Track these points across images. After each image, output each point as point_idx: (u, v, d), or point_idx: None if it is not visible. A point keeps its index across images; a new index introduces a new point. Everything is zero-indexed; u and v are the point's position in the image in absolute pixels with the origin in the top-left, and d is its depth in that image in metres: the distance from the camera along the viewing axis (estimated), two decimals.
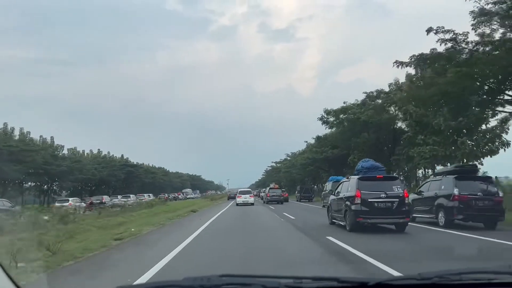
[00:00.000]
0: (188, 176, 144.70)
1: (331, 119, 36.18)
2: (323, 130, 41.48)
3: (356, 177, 13.14)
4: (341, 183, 15.01)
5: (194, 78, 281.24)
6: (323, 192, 34.59)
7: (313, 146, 52.29)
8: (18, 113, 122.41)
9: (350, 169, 51.78)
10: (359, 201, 12.21)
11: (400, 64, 22.00)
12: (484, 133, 24.23)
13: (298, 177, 65.39)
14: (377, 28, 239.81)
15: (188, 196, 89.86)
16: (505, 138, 24.21)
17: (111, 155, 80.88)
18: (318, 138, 41.82)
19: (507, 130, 23.67)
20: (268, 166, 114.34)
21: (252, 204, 35.05)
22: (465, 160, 25.61)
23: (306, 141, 55.92)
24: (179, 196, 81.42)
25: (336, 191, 14.94)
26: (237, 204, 34.58)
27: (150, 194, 58.43)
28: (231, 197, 54.29)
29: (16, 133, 48.13)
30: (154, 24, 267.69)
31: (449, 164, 26.08)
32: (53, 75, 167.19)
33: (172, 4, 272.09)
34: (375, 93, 33.40)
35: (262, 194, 44.61)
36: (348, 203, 12.78)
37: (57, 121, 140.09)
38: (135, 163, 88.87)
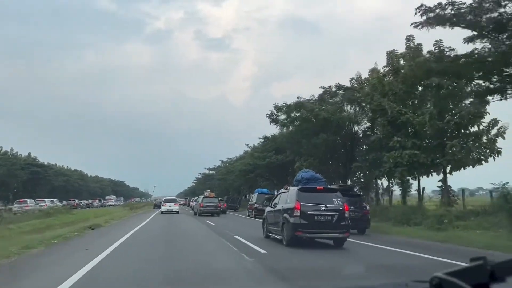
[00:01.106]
0: (109, 181, 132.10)
1: (282, 116, 30.37)
2: (269, 132, 35.40)
3: (296, 188, 12.66)
4: (279, 194, 14.35)
5: (125, 80, 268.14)
6: (249, 203, 33.48)
7: (254, 151, 46.35)
8: None
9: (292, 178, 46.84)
10: (298, 214, 11.75)
11: None
12: (476, 135, 19.83)
13: (235, 185, 58.89)
14: (307, 45, 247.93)
15: (108, 204, 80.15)
16: (496, 146, 20.05)
17: (14, 152, 68.63)
18: (265, 139, 35.27)
19: (503, 134, 19.45)
20: (200, 174, 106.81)
21: (177, 212, 35.82)
22: (449, 169, 21.21)
23: (247, 144, 49.87)
24: (94, 203, 70.93)
25: (273, 203, 14.26)
26: (162, 212, 35.36)
27: (54, 200, 48.51)
28: (157, 206, 51.85)
29: None
30: (82, 22, 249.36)
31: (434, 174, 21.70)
32: None
33: (104, 3, 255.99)
34: (334, 88, 28.22)
35: (194, 203, 37.25)
36: (286, 215, 12.24)
37: None
38: (45, 163, 76.97)
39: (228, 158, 68.90)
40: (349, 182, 30.08)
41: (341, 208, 12.02)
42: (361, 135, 29.23)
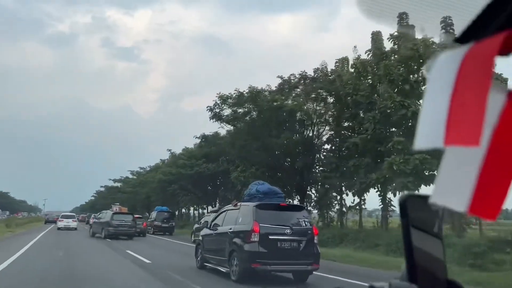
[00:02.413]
0: None
1: (227, 111, 23.36)
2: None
3: (252, 204, 9.80)
4: (222, 212, 11.36)
5: (21, 81, 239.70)
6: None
7: (178, 158, 38.45)
8: None
9: (229, 191, 39.73)
10: (256, 239, 9.14)
11: None
12: None
13: (151, 200, 49.73)
14: (220, 62, 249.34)
15: None
16: None
17: None
18: (203, 139, 27.18)
19: None
20: (101, 186, 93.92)
21: (75, 228, 34.06)
22: None
23: (170, 150, 41.51)
24: None
25: (212, 223, 11.31)
26: (59, 228, 33.95)
27: None
28: (50, 221, 50.53)
29: None
30: None
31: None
32: None
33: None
34: (297, 77, 22.17)
35: (94, 221, 28.42)
36: (237, 240, 9.56)
37: None
38: None
39: (140, 168, 59.47)
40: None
41: (309, 232, 9.80)
42: (324, 138, 23.55)
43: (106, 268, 11.31)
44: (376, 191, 19.29)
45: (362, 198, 21.69)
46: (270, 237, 9.30)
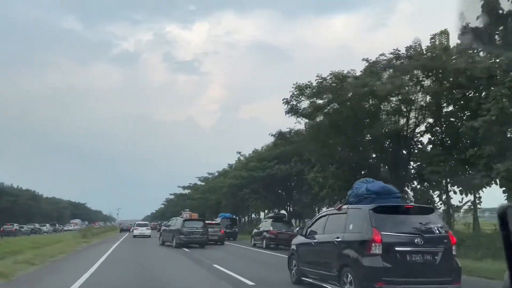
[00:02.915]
0: (69, 203, 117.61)
1: (305, 103, 20.62)
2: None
3: (366, 207, 7.81)
4: (320, 217, 9.53)
5: (89, 101, 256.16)
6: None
7: (248, 160, 36.40)
8: None
9: (304, 194, 36.84)
10: (379, 251, 7.20)
11: None
12: None
13: (222, 205, 48.22)
14: (275, 70, 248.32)
15: (66, 229, 68.45)
16: None
17: None
18: (279, 136, 24.46)
19: None
20: (170, 194, 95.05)
21: (149, 236, 35.58)
22: None
23: (240, 152, 39.54)
24: (44, 228, 58.30)
25: (308, 230, 9.55)
26: (134, 236, 35.91)
27: None
28: (124, 230, 54.70)
29: None
30: (48, 41, 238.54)
31: None
32: None
33: (70, 22, 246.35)
34: (388, 57, 18.90)
35: (164, 228, 27.00)
36: (350, 253, 7.67)
37: None
38: None
39: (208, 173, 58.45)
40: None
41: (445, 240, 7.52)
42: (422, 127, 20.00)
43: None
44: (501, 187, 15.63)
45: (477, 195, 18.02)
46: (396, 248, 7.34)
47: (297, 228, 15.25)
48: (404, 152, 21.75)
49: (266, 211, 44.00)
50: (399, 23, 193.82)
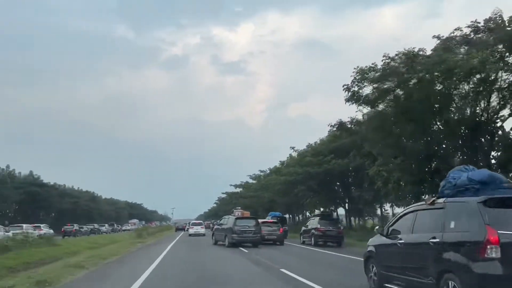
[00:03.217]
0: (126, 204, 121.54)
1: (368, 88, 18.65)
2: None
3: (473, 199, 6.38)
4: (407, 213, 8.01)
5: (142, 105, 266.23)
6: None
7: (303, 155, 34.66)
8: None
9: (365, 190, 34.62)
10: (496, 254, 5.70)
11: None
12: None
13: (276, 203, 46.86)
14: (322, 66, 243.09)
15: (124, 228, 70.66)
16: None
17: (10, 169, 58.74)
18: (340, 126, 22.34)
19: None
20: (222, 193, 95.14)
21: (204, 234, 36.72)
22: None
23: (293, 147, 37.83)
24: (102, 228, 60.04)
25: (389, 229, 8.24)
26: (190, 235, 38.23)
27: (41, 225, 37.52)
28: (179, 229, 59.47)
29: None
30: (102, 49, 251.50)
31: None
32: None
33: (123, 30, 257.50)
34: (463, 32, 16.58)
35: (217, 227, 25.96)
36: (455, 256, 6.27)
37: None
38: (51, 183, 67.00)
39: (260, 171, 57.33)
40: None
41: None
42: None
43: None
44: None
45: None
46: None
47: (376, 227, 13.55)
48: (483, 140, 19.24)
49: (321, 209, 42.30)
50: (453, 11, 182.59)
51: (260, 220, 24.57)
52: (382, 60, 17.17)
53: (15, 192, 52.02)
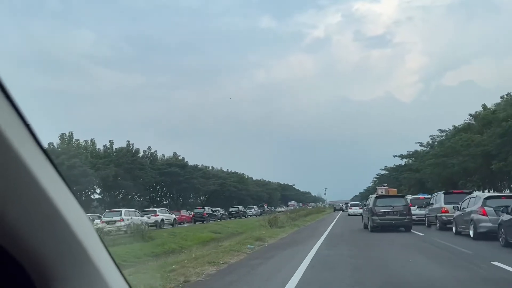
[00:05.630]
0: (278, 185, 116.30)
1: None
2: None
3: None
4: None
5: (290, 91, 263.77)
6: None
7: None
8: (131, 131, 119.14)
9: None
10: None
11: None
12: None
13: (469, 173, 32.40)
14: (484, 26, 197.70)
15: (278, 210, 63.37)
16: None
17: (152, 151, 56.75)
18: None
19: None
20: (381, 169, 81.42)
21: (361, 214, 32.04)
22: None
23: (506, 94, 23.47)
24: (252, 210, 54.09)
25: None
26: (349, 214, 43.24)
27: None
28: (337, 210, 68.42)
29: None
30: (251, 42, 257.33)
31: None
32: (155, 98, 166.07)
33: (267, 21, 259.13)
34: None
35: (364, 208, 24.01)
36: None
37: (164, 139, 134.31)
38: (195, 165, 64.00)
39: (440, 130, 42.88)
40: None
41: None
42: None
43: None
44: None
45: None
46: None
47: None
48: None
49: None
50: None
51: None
52: None
53: (154, 173, 49.15)
